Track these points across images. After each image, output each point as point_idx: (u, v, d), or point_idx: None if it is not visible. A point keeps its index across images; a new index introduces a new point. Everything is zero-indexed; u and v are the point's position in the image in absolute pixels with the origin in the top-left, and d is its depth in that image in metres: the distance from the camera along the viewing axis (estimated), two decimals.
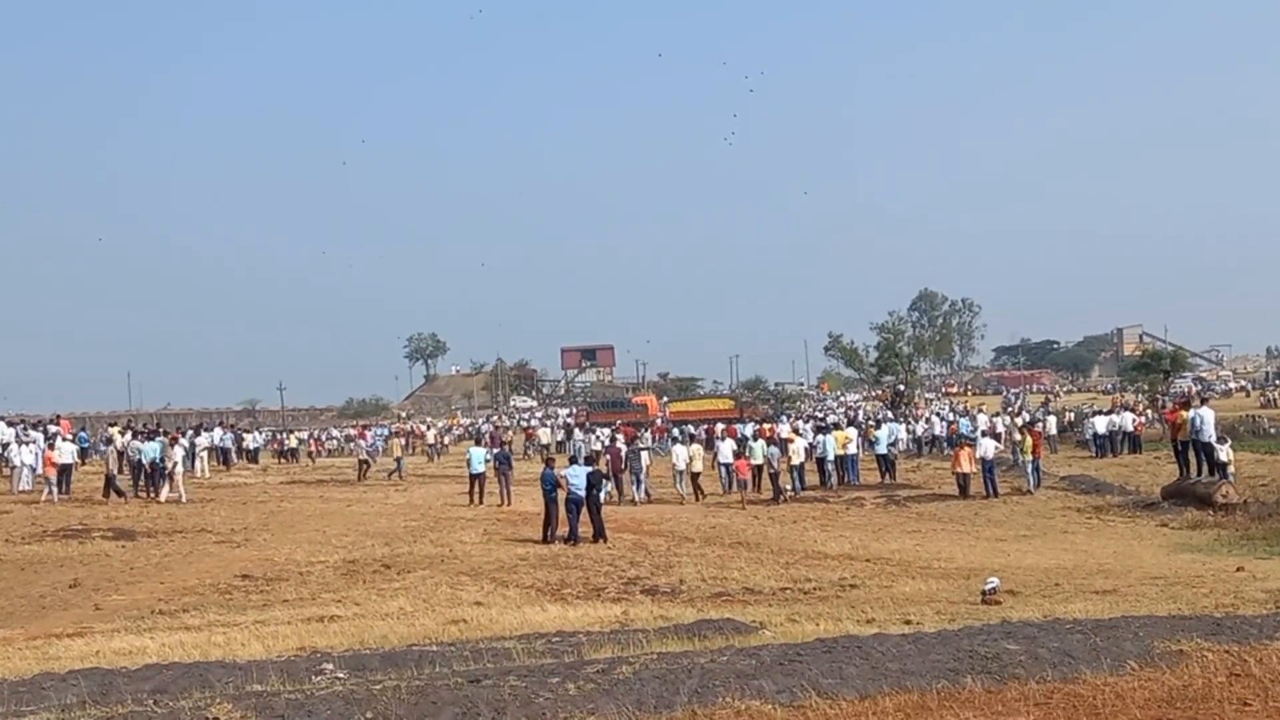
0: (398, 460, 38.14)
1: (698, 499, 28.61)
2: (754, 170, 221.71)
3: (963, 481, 27.02)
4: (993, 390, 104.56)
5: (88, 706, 7.34)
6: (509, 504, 26.64)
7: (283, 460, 49.72)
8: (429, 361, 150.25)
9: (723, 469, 30.01)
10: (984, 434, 32.37)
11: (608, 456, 29.58)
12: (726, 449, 30.85)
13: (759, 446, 29.94)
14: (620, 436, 36.22)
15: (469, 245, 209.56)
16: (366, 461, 37.69)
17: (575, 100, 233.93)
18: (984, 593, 13.30)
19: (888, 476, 31.97)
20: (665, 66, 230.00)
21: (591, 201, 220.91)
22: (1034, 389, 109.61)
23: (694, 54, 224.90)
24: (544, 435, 55.04)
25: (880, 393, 71.20)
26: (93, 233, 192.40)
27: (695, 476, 29.35)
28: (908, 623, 11.27)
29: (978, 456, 27.56)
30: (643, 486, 29.07)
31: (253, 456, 46.13)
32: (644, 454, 31.47)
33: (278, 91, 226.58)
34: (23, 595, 15.38)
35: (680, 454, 29.92)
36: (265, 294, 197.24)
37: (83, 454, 37.44)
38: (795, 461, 29.06)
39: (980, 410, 53.02)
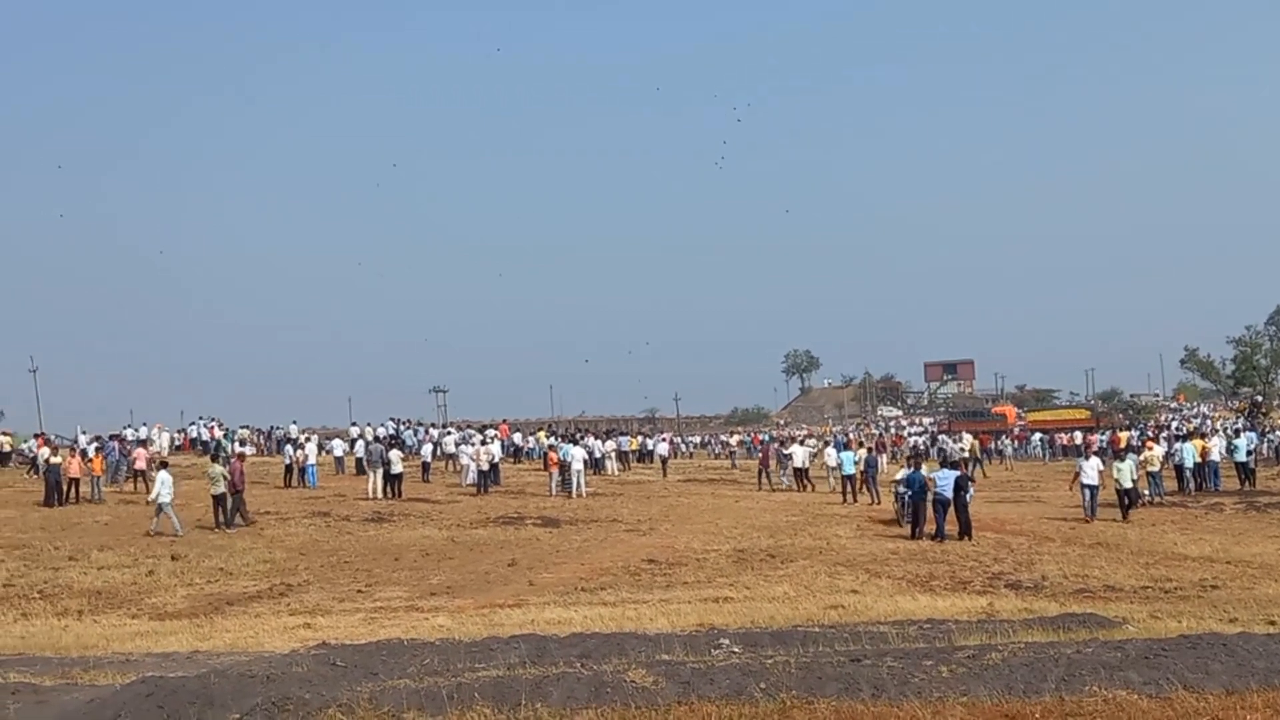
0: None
1: (1125, 517, 22.61)
2: (1104, 187, 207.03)
3: None
4: None
5: (527, 666, 7.96)
6: (878, 503, 26.36)
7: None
8: (804, 375, 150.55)
9: (1086, 491, 23.08)
10: None
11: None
12: (1091, 469, 23.61)
13: (1127, 467, 23.48)
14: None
15: (845, 271, 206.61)
16: None
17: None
18: None
19: (1247, 484, 29.04)
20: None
21: (962, 223, 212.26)
22: None
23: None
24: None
25: (1238, 404, 65.14)
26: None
27: (1127, 493, 23.17)
28: (1272, 623, 10.34)
29: None
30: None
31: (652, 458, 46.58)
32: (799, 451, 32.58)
33: None
34: (472, 571, 16.67)
35: (1089, 469, 23.57)
36: (659, 316, 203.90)
37: (516, 453, 40.44)
38: (1152, 469, 26.72)
39: None
